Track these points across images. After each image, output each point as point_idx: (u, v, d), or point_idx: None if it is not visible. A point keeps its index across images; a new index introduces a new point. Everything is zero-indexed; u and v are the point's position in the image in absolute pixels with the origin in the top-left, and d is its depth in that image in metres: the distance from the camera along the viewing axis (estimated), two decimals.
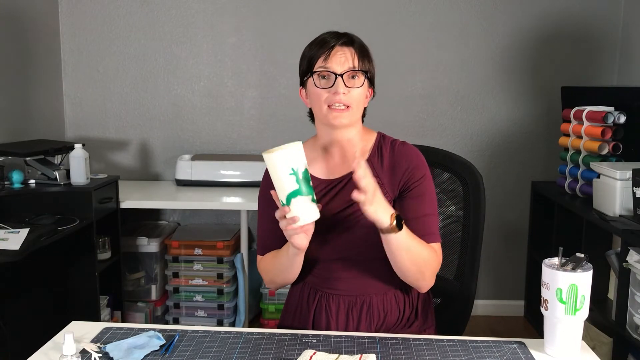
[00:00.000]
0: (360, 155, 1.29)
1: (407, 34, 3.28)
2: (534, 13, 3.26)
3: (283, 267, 1.48)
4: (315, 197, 1.31)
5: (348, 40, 1.45)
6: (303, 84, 1.49)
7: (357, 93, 1.43)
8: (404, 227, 1.35)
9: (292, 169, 1.27)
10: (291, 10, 3.28)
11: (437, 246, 1.47)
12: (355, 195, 1.27)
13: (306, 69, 1.46)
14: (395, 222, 1.32)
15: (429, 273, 1.44)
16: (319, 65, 1.42)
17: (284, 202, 1.29)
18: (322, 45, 1.44)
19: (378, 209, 1.30)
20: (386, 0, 3.26)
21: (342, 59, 1.42)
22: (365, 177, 1.27)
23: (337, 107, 1.41)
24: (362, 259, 1.47)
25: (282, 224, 1.31)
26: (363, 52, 1.46)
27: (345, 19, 3.23)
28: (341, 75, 1.40)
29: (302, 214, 1.28)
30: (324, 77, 1.43)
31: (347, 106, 1.42)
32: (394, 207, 1.46)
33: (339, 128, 1.46)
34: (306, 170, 1.29)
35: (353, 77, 1.43)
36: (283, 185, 1.28)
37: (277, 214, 1.31)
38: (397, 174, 1.47)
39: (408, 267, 1.41)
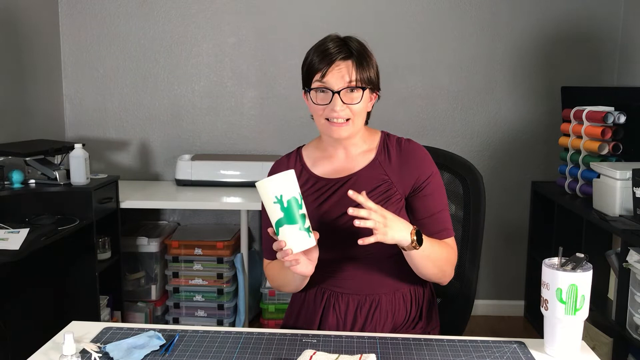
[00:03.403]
0: (353, 193, 1.28)
1: (407, 34, 3.28)
2: (534, 13, 3.26)
3: (290, 283, 1.49)
4: (307, 225, 1.28)
5: (347, 52, 1.41)
6: (304, 90, 1.48)
7: (356, 107, 1.42)
8: (423, 236, 1.36)
9: (276, 197, 1.25)
10: (291, 10, 3.28)
11: (451, 240, 1.49)
12: (366, 240, 1.26)
13: (305, 81, 1.46)
14: (416, 238, 1.33)
15: (449, 270, 1.47)
16: (316, 80, 1.41)
17: (276, 231, 1.29)
18: (322, 58, 1.41)
19: (395, 233, 1.30)
20: (386, 0, 3.26)
21: (339, 74, 1.40)
22: (370, 214, 1.26)
23: (336, 122, 1.41)
24: (371, 257, 1.47)
25: (278, 256, 1.30)
26: (362, 62, 1.42)
27: (345, 19, 3.23)
28: (338, 92, 1.39)
29: (291, 243, 1.26)
30: (322, 91, 1.41)
31: (347, 119, 1.41)
32: (405, 205, 1.47)
33: (338, 140, 1.47)
34: (295, 199, 1.26)
35: (352, 91, 1.41)
36: (270, 213, 1.28)
37: (274, 246, 1.30)
38: (407, 173, 1.47)
39: (430, 271, 1.43)
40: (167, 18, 3.30)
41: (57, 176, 2.56)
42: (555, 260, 1.27)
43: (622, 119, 2.65)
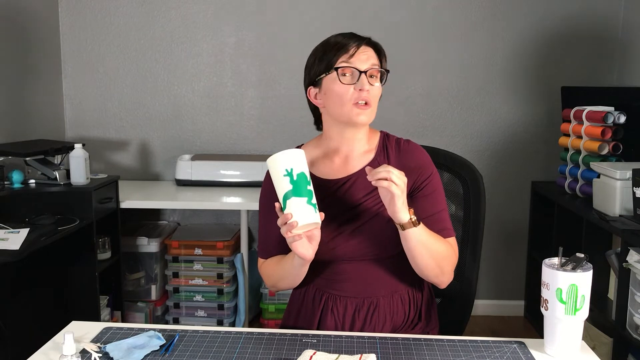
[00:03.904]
0: (369, 169, 1.33)
1: (407, 34, 3.28)
2: (534, 13, 3.26)
3: (287, 275, 1.48)
4: (314, 202, 1.30)
5: (369, 40, 1.47)
6: (315, 83, 1.48)
7: (377, 91, 1.45)
8: (421, 223, 1.37)
9: (287, 170, 1.28)
10: (291, 10, 3.28)
11: (452, 240, 1.48)
12: (389, 186, 1.29)
13: (325, 68, 1.45)
14: (415, 217, 1.34)
15: (447, 267, 1.46)
16: (342, 61, 1.43)
17: (282, 205, 1.29)
18: (345, 44, 1.44)
19: (404, 203, 1.33)
20: (386, 1, 3.26)
21: (364, 57, 1.43)
22: (392, 173, 1.30)
23: (360, 104, 1.42)
24: (370, 259, 1.47)
25: (282, 230, 1.31)
26: (381, 53, 1.48)
27: (345, 19, 3.23)
28: (365, 72, 1.41)
29: (297, 216, 1.27)
30: (344, 75, 1.43)
31: (368, 103, 1.43)
32: None
33: (358, 126, 1.47)
34: (303, 174, 1.29)
35: (372, 76, 1.44)
36: (279, 187, 1.30)
37: (278, 221, 1.31)
38: (406, 173, 1.46)
39: (427, 262, 1.41)
40: (167, 18, 3.30)
41: (57, 176, 2.56)
42: (555, 260, 1.27)
43: (622, 119, 2.65)
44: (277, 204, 1.32)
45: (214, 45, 3.32)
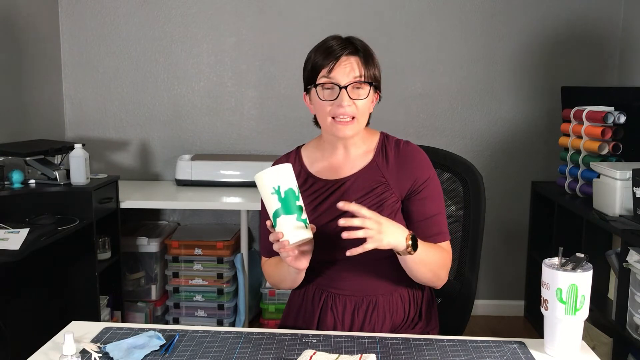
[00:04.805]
0: (343, 204, 1.27)
1: (407, 34, 3.28)
2: (534, 13, 3.26)
3: (285, 278, 1.49)
4: (304, 216, 1.29)
5: (353, 49, 1.42)
6: (307, 91, 1.48)
7: (362, 104, 1.41)
8: (419, 242, 1.36)
9: (274, 188, 1.26)
10: (291, 10, 3.28)
11: (446, 244, 1.49)
12: (354, 251, 1.26)
13: (309, 79, 1.44)
14: (411, 243, 1.32)
15: (443, 273, 1.48)
16: (322, 76, 1.41)
17: (273, 222, 1.29)
18: (327, 54, 1.41)
19: (389, 237, 1.29)
20: (386, 0, 3.26)
21: (346, 70, 1.39)
22: (364, 222, 1.25)
23: (341, 120, 1.40)
24: (369, 259, 1.46)
25: (275, 247, 1.31)
26: (367, 59, 1.43)
27: (345, 19, 3.23)
28: (345, 87, 1.39)
29: (288, 235, 1.27)
30: (328, 89, 1.41)
31: (352, 117, 1.41)
32: (402, 207, 1.46)
33: (342, 138, 1.46)
34: (292, 190, 1.27)
35: (358, 88, 1.41)
36: (268, 204, 1.29)
37: (270, 238, 1.31)
38: (404, 175, 1.47)
39: (425, 275, 1.44)
40: (167, 18, 3.30)
41: (57, 176, 2.56)
42: (555, 260, 1.27)
43: (622, 119, 2.65)
44: (268, 222, 1.31)
45: (214, 45, 3.32)
